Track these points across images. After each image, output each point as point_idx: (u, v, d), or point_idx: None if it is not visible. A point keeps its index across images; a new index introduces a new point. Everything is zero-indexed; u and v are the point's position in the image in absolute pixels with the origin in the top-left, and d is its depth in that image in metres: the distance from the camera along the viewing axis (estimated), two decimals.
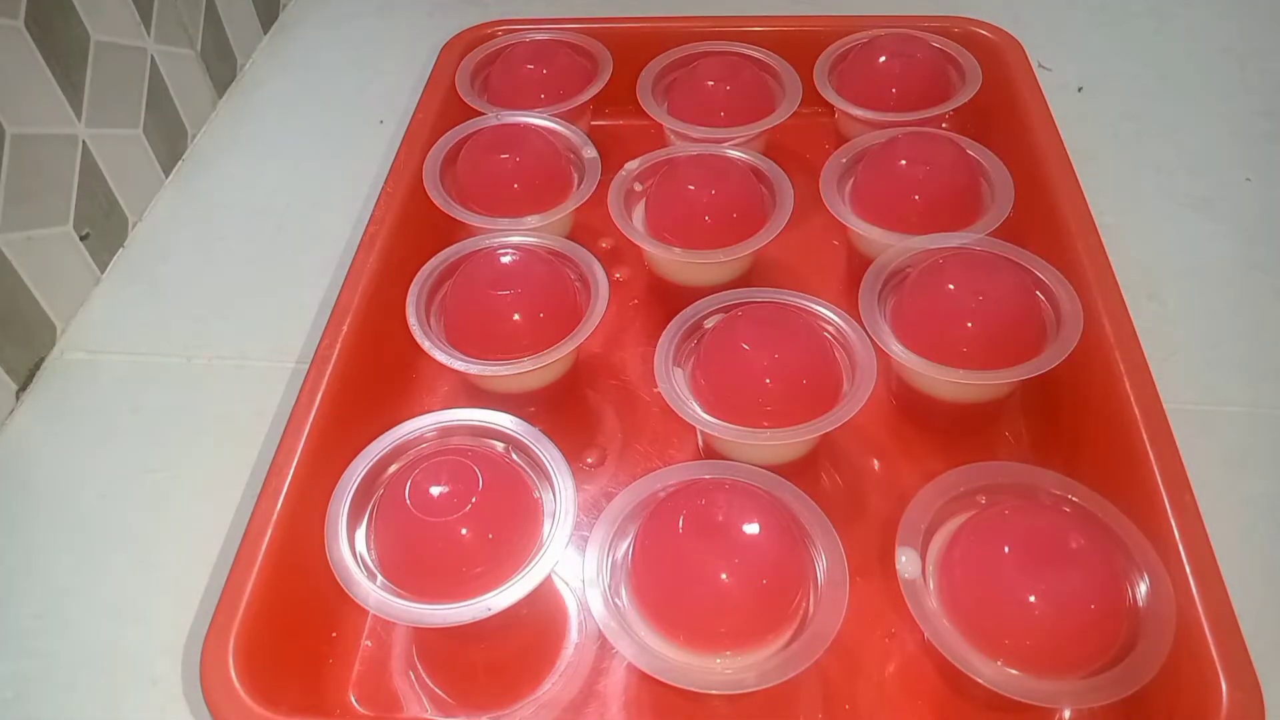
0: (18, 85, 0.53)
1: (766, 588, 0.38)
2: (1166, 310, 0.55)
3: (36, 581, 0.46)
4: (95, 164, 0.59)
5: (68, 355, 0.56)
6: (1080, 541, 0.37)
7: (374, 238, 0.53)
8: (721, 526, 0.38)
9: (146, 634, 0.44)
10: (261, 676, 0.37)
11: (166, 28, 0.65)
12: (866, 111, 0.59)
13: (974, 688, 0.36)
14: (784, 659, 0.36)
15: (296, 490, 0.42)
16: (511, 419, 0.43)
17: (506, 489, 0.41)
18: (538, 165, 0.56)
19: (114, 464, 0.51)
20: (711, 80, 0.60)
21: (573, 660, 0.42)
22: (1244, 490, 0.47)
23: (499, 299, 0.48)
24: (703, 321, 0.48)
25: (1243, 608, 0.36)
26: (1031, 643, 0.36)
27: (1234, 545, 0.37)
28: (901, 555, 0.39)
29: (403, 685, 0.42)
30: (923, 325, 0.46)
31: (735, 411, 0.44)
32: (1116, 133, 0.66)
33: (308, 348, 0.55)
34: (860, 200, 0.54)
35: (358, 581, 0.38)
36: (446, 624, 0.37)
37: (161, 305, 0.59)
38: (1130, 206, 0.60)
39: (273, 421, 0.52)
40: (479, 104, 0.62)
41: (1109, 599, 0.36)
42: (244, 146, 0.70)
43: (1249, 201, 0.61)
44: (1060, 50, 0.71)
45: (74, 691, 0.43)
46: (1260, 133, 0.65)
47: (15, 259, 0.52)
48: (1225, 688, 0.34)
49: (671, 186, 0.53)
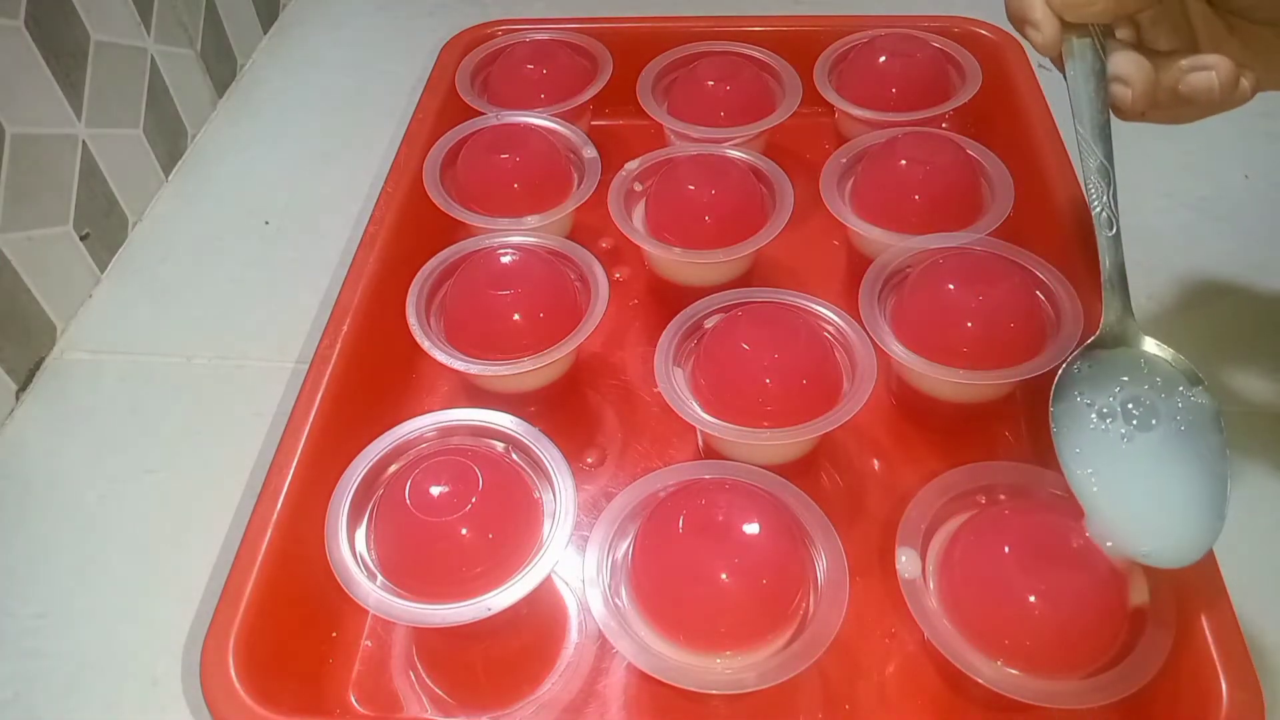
0: (18, 85, 0.53)
1: (766, 588, 0.38)
2: (1166, 310, 0.55)
3: (36, 581, 0.46)
4: (95, 164, 0.59)
5: (68, 355, 0.56)
6: (1080, 541, 0.37)
7: (374, 238, 0.53)
8: (721, 526, 0.38)
9: (146, 634, 0.44)
10: (261, 676, 0.37)
11: (166, 28, 0.65)
12: (866, 111, 0.59)
13: (974, 688, 0.36)
14: (784, 659, 0.36)
15: (296, 490, 0.42)
16: (511, 419, 0.43)
17: (506, 489, 0.41)
18: (538, 165, 0.56)
19: (114, 464, 0.51)
20: (711, 80, 0.60)
21: (573, 660, 0.42)
22: (1244, 490, 0.47)
23: (499, 299, 0.48)
24: (703, 321, 0.48)
25: (1243, 608, 0.36)
26: (1031, 643, 0.36)
27: (1234, 545, 0.37)
28: (901, 555, 0.39)
29: (403, 685, 0.42)
30: (923, 325, 0.46)
31: (735, 411, 0.44)
32: (1117, 133, 0.66)
33: (308, 348, 0.55)
34: (860, 200, 0.54)
35: (358, 581, 0.38)
36: (446, 624, 0.37)
37: (161, 305, 0.59)
38: (1130, 206, 0.60)
39: (273, 421, 0.52)
40: (479, 104, 0.62)
41: (1109, 599, 0.36)
42: (244, 146, 0.70)
43: (1249, 201, 0.61)
44: None
45: (74, 691, 0.43)
46: (1260, 133, 0.65)
47: (15, 259, 0.52)
48: (1225, 688, 0.34)
49: (671, 186, 0.53)
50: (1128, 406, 0.38)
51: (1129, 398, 0.38)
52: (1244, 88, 0.37)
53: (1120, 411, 0.38)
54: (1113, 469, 0.37)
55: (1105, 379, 0.38)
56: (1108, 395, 0.38)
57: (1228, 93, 0.36)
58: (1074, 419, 0.38)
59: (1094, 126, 0.39)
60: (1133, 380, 0.38)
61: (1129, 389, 0.38)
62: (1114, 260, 0.39)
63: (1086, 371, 0.39)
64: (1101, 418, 0.38)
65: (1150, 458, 0.37)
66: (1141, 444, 0.37)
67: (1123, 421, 0.37)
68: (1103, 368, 0.39)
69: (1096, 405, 0.38)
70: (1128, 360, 0.39)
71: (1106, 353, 0.39)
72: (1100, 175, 0.39)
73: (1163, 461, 0.37)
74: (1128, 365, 0.39)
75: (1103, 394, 0.38)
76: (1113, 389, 0.38)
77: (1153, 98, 0.37)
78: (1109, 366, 0.39)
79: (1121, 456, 0.37)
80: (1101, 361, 0.39)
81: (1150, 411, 0.37)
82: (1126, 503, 0.36)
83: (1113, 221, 0.39)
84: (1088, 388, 0.39)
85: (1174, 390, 0.38)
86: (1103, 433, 0.37)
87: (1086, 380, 0.39)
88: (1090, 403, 0.38)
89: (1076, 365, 0.39)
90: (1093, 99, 0.38)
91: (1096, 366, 0.39)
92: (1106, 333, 0.39)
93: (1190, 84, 0.37)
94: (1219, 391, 0.50)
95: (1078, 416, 0.38)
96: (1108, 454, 0.37)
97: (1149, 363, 0.38)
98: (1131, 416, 0.37)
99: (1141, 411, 0.37)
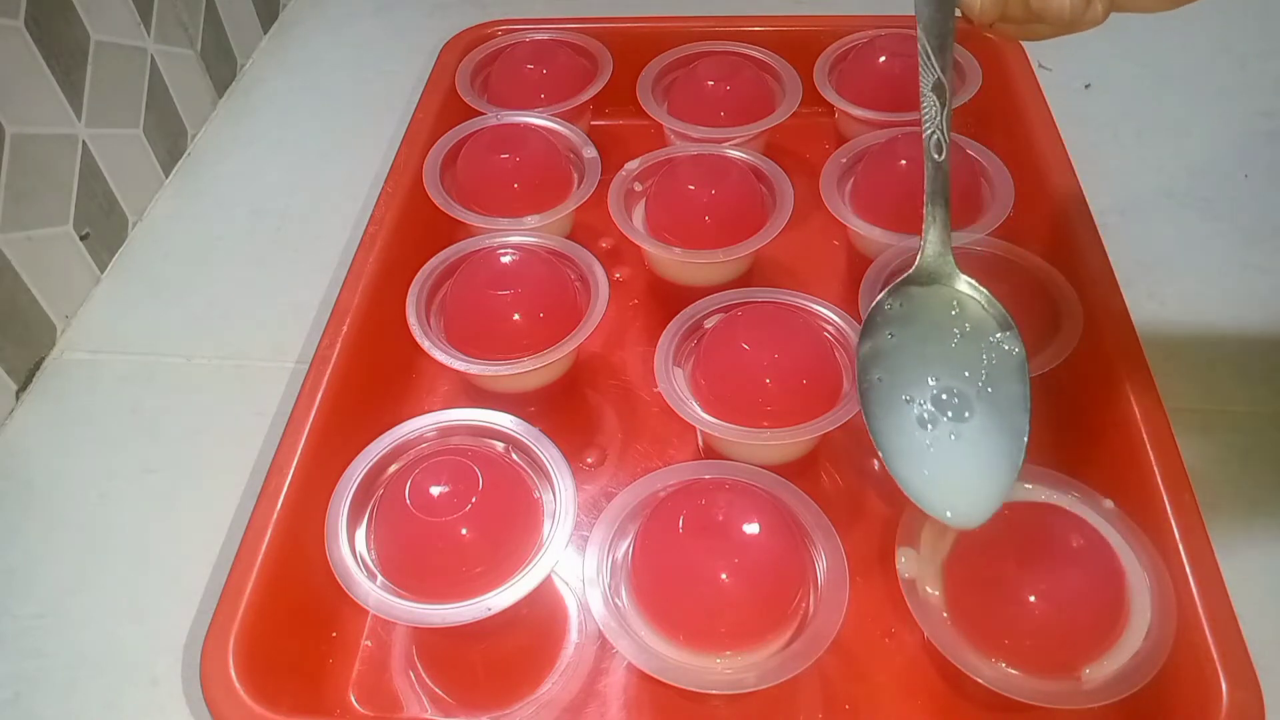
0: (18, 85, 0.53)
1: (766, 588, 0.38)
2: (1166, 310, 0.55)
3: (36, 581, 0.46)
4: (95, 164, 0.59)
5: (67, 355, 0.56)
6: (1080, 541, 0.37)
7: (374, 238, 0.53)
8: (721, 526, 0.38)
9: (146, 634, 0.44)
10: (261, 676, 0.37)
11: (166, 27, 0.65)
12: (866, 111, 0.59)
13: (974, 688, 0.36)
14: (784, 659, 0.36)
15: (296, 490, 0.42)
16: (511, 419, 0.43)
17: (506, 489, 0.41)
18: (538, 165, 0.56)
19: (114, 464, 0.51)
20: (711, 80, 0.60)
21: (573, 660, 0.42)
22: (1244, 490, 0.47)
23: (499, 299, 0.48)
24: (703, 321, 0.48)
25: (1243, 608, 0.36)
26: (1031, 643, 0.36)
27: (1234, 545, 0.37)
28: (901, 555, 0.39)
29: (403, 685, 0.42)
30: None
31: (735, 411, 0.44)
32: (1116, 133, 0.66)
33: (307, 348, 0.55)
34: (860, 200, 0.54)
35: (358, 581, 0.38)
36: (446, 624, 0.37)
37: (161, 305, 0.59)
38: (1130, 206, 0.60)
39: (272, 421, 0.52)
40: (479, 104, 0.62)
41: (1108, 599, 0.36)
42: (244, 146, 0.70)
43: (1249, 201, 0.61)
44: (1060, 50, 0.70)
45: (74, 691, 0.43)
46: (1260, 133, 0.65)
47: (15, 259, 0.52)
48: (1225, 688, 0.34)
49: (671, 186, 0.53)
50: (941, 399, 0.37)
51: (943, 389, 0.37)
52: (1096, 9, 0.36)
53: (928, 414, 0.37)
54: (920, 458, 0.36)
55: (917, 321, 0.37)
56: (921, 383, 0.37)
57: (1079, 12, 0.35)
58: (887, 408, 0.37)
59: (936, 37, 0.37)
60: (942, 328, 0.37)
61: (939, 370, 0.37)
62: (938, 189, 0.37)
63: (898, 310, 0.38)
64: (918, 420, 0.37)
65: (954, 450, 0.36)
66: (946, 441, 0.36)
67: (931, 422, 0.37)
68: (915, 306, 0.38)
69: (916, 402, 0.37)
70: (940, 300, 0.37)
71: (920, 290, 0.38)
72: (936, 93, 0.37)
73: (965, 448, 0.36)
74: (940, 306, 0.37)
75: (916, 379, 0.37)
76: (926, 367, 0.37)
77: (1003, 7, 0.36)
78: (921, 306, 0.37)
79: (928, 453, 0.36)
80: (914, 299, 0.38)
81: (963, 403, 0.36)
82: (932, 483, 0.36)
83: (942, 146, 0.37)
84: (898, 326, 0.37)
85: (984, 338, 0.37)
86: (912, 430, 0.37)
87: (898, 319, 0.37)
88: (909, 399, 0.37)
89: (889, 303, 0.38)
90: (940, 5, 0.36)
91: (909, 304, 0.38)
92: (923, 267, 0.38)
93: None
94: (1219, 391, 0.51)
95: (892, 408, 0.37)
96: (915, 449, 0.36)
97: (961, 304, 0.37)
98: (944, 412, 0.36)
99: (953, 406, 0.37)
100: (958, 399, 0.37)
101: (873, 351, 0.38)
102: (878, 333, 0.38)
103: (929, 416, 0.37)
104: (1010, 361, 0.37)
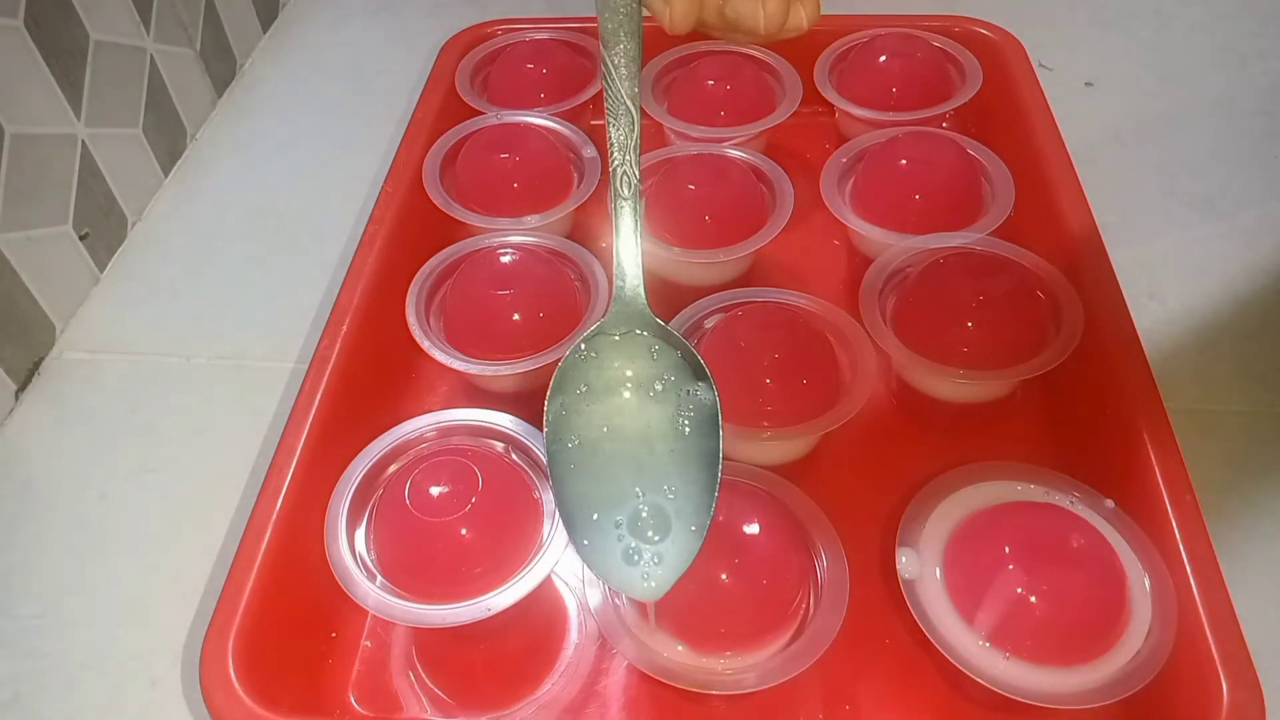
0: (17, 85, 0.53)
1: (766, 588, 0.38)
2: (1166, 310, 0.55)
3: (36, 581, 0.46)
4: (94, 163, 0.59)
5: (67, 355, 0.56)
6: (1080, 541, 0.37)
7: (374, 238, 0.53)
8: (721, 526, 0.38)
9: (146, 634, 0.44)
10: (261, 676, 0.37)
11: (166, 27, 0.65)
12: (866, 111, 0.59)
13: (974, 688, 0.36)
14: (784, 659, 0.36)
15: (296, 490, 0.42)
16: (511, 419, 0.43)
17: (506, 489, 0.41)
18: (538, 165, 0.56)
19: (114, 464, 0.51)
20: (711, 80, 0.60)
21: (573, 660, 0.42)
22: (1244, 490, 0.47)
23: (499, 299, 0.48)
24: (703, 321, 0.48)
25: (1243, 608, 0.36)
26: (1032, 642, 0.36)
27: (1234, 545, 0.37)
28: (901, 555, 0.39)
29: (403, 685, 0.42)
30: (923, 325, 0.46)
31: (735, 411, 0.44)
32: (1117, 132, 0.66)
33: (307, 348, 0.55)
34: (860, 200, 0.54)
35: (357, 581, 0.38)
36: (446, 624, 0.37)
37: (161, 305, 0.59)
38: (1130, 206, 0.60)
39: (272, 421, 0.52)
40: (479, 104, 0.62)
41: (1109, 599, 0.36)
42: (243, 146, 0.70)
43: (1249, 201, 0.61)
44: (1061, 50, 0.71)
45: (74, 691, 0.43)
46: (1260, 132, 0.65)
47: (15, 259, 0.52)
48: (1225, 688, 0.34)
49: (671, 186, 0.53)
50: (639, 520, 0.35)
51: (646, 504, 0.34)
52: (798, 19, 0.35)
53: (632, 548, 0.34)
54: (623, 578, 0.34)
55: (607, 368, 0.35)
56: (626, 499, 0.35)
57: (775, 25, 0.34)
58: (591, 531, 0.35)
59: (623, 54, 0.34)
60: (636, 375, 0.35)
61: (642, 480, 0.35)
62: (630, 229, 0.35)
63: (593, 360, 0.36)
64: (624, 556, 0.34)
65: (659, 568, 0.34)
66: (651, 566, 0.34)
67: (636, 554, 0.34)
68: (607, 355, 0.36)
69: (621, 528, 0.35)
70: (634, 348, 0.36)
71: (610, 339, 0.36)
72: (624, 118, 0.34)
73: (669, 563, 0.34)
74: (633, 352, 0.36)
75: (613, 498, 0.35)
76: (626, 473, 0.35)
77: (695, 21, 0.35)
78: (614, 354, 0.36)
79: (638, 582, 0.34)
80: (605, 350, 0.36)
81: (661, 520, 0.35)
82: (617, 573, 0.34)
83: (630, 181, 0.34)
84: (593, 374, 0.36)
85: (680, 389, 0.35)
86: (620, 566, 0.34)
87: (593, 366, 0.36)
88: (618, 522, 0.35)
89: (582, 351, 0.36)
90: (629, 15, 0.34)
91: (602, 355, 0.36)
92: (618, 313, 0.36)
93: (735, 9, 0.35)
94: (1219, 391, 0.51)
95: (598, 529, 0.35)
96: (621, 577, 0.34)
97: (658, 352, 0.36)
98: (644, 537, 0.34)
99: (653, 525, 0.34)
100: (655, 517, 0.35)
101: (565, 409, 0.35)
102: (569, 386, 0.36)
103: (634, 550, 0.35)
104: (705, 413, 0.35)
